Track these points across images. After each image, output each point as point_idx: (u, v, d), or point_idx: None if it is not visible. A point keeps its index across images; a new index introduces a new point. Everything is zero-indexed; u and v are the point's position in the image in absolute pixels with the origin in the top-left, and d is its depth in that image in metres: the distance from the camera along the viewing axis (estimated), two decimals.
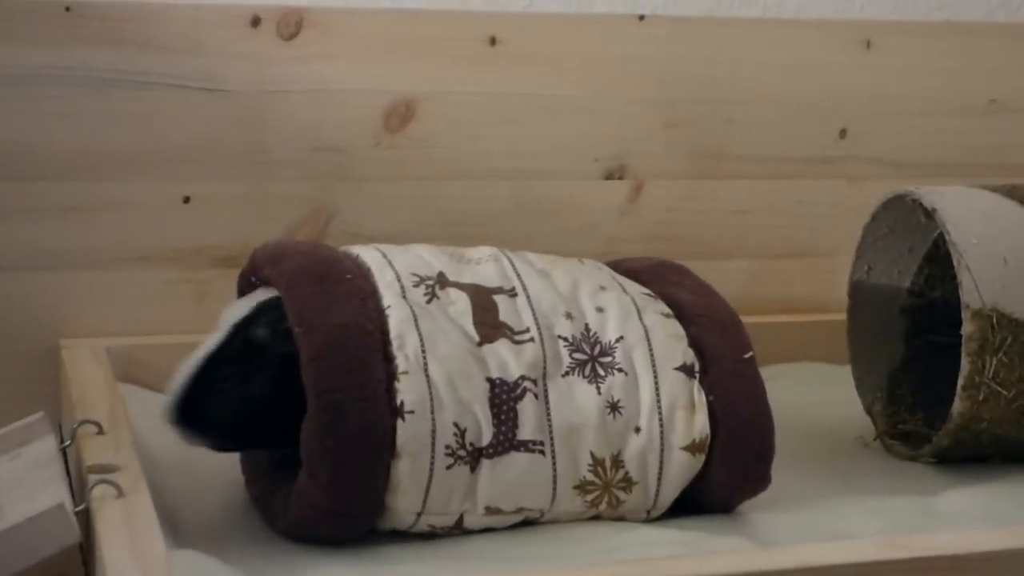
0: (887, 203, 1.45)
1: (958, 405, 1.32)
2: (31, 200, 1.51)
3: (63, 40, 1.50)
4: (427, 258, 1.21)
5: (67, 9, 1.49)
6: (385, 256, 1.20)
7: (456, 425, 1.11)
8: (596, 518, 1.17)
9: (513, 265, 1.23)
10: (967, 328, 1.31)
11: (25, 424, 1.26)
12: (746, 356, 1.21)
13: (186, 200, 1.56)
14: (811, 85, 1.75)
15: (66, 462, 1.19)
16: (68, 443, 1.21)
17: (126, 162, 1.54)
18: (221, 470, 1.25)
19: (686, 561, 1.01)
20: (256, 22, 1.56)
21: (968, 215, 1.36)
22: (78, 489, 1.12)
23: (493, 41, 1.64)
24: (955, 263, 1.33)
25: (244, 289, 1.24)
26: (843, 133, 1.78)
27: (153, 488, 1.10)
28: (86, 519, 1.06)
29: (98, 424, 1.20)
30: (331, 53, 1.59)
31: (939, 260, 1.45)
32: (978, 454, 1.37)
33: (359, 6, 1.60)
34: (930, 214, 1.37)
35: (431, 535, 1.14)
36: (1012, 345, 1.31)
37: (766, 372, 1.61)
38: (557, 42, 1.66)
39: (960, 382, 1.31)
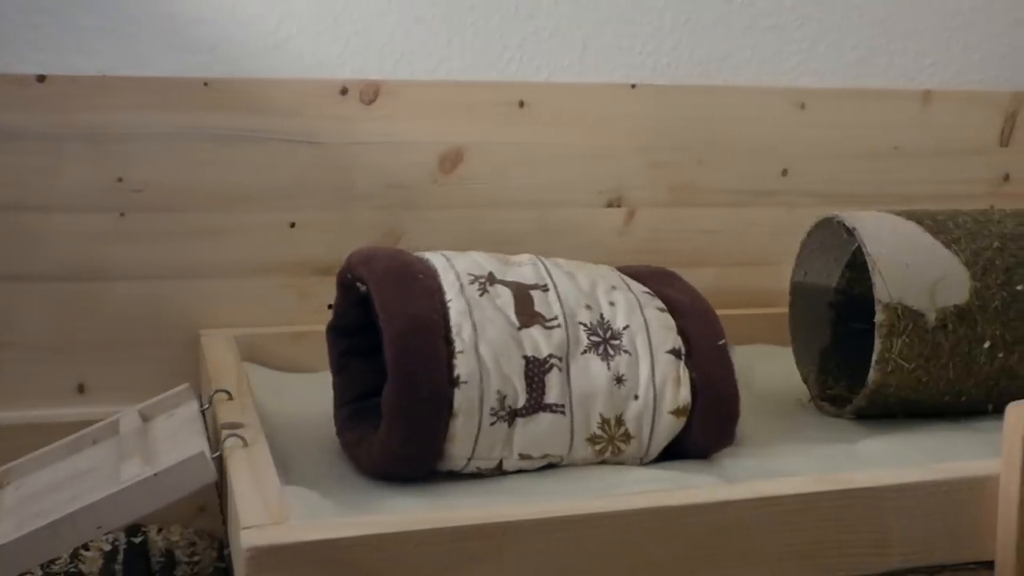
0: (819, 224, 1.44)
1: (872, 375, 1.31)
2: (179, 226, 1.51)
3: (202, 107, 1.50)
4: (480, 261, 1.20)
5: (205, 84, 1.50)
6: (448, 260, 1.19)
7: (499, 392, 1.10)
8: (602, 463, 1.17)
9: (546, 268, 1.22)
10: (879, 317, 1.30)
11: (175, 392, 1.26)
12: (720, 343, 1.19)
13: (292, 225, 1.56)
14: (760, 136, 1.74)
15: (205, 420, 1.20)
16: (207, 406, 1.22)
17: (247, 197, 1.54)
18: (320, 425, 1.24)
19: (671, 494, 1.00)
20: (344, 91, 1.56)
21: (879, 232, 1.35)
22: (214, 440, 1.13)
23: (522, 104, 1.63)
24: (870, 268, 1.32)
25: (342, 285, 1.22)
26: (784, 172, 1.76)
27: (270, 440, 1.11)
28: (220, 463, 1.07)
29: (229, 392, 1.21)
30: (401, 114, 1.58)
31: (858, 266, 1.44)
32: (887, 411, 1.36)
33: (421, 79, 1.60)
34: (851, 232, 1.36)
35: (478, 475, 1.13)
36: (913, 329, 1.30)
37: None
38: (570, 104, 1.65)
39: (874, 358, 1.31)
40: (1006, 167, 1.85)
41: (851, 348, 1.44)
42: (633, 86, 1.68)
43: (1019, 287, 1.34)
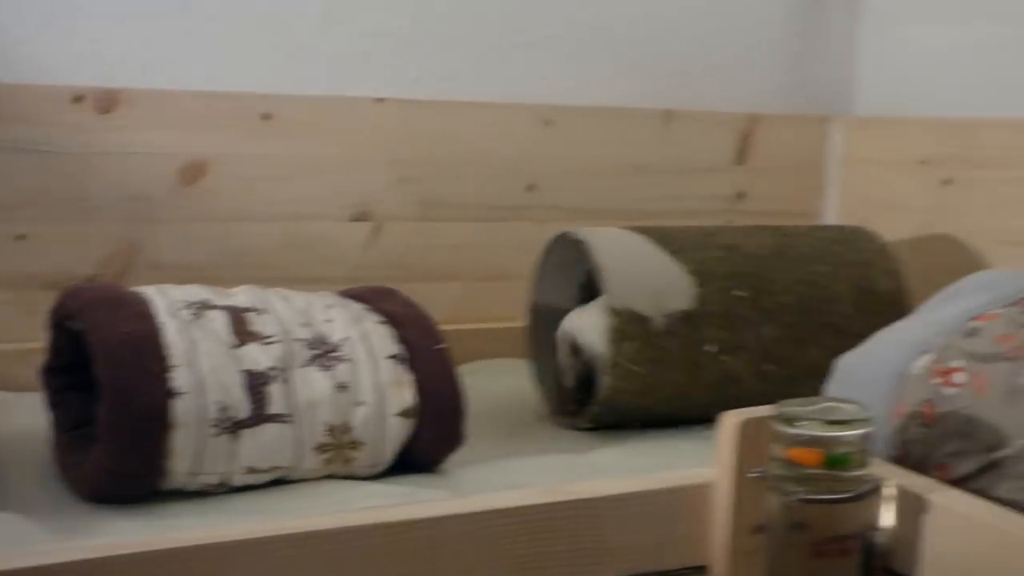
0: (557, 239, 1.47)
1: (605, 381, 1.34)
2: None
3: None
4: (195, 291, 1.20)
5: None
6: (160, 290, 1.18)
7: (219, 403, 1.09)
8: (332, 476, 1.16)
9: (262, 294, 1.22)
10: (609, 323, 1.33)
11: None
12: (440, 347, 1.22)
13: (20, 237, 1.49)
14: (507, 151, 1.75)
15: None
16: None
17: None
18: (43, 447, 1.19)
19: (396, 508, 0.99)
20: (79, 99, 1.50)
21: (608, 243, 1.40)
22: None
23: (267, 116, 1.61)
24: (599, 276, 1.36)
25: (53, 325, 1.19)
26: (531, 188, 1.78)
27: None
28: None
29: None
30: (139, 124, 1.53)
31: (594, 277, 1.47)
32: (621, 421, 1.39)
33: (162, 88, 1.56)
34: (587, 245, 1.39)
35: (204, 493, 1.11)
36: (641, 334, 1.34)
37: (472, 367, 1.63)
38: (316, 117, 1.64)
39: (606, 364, 1.34)
40: (741, 185, 1.92)
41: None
42: (380, 100, 1.67)
43: (739, 293, 1.39)
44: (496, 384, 1.56)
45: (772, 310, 1.40)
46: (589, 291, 1.46)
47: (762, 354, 1.39)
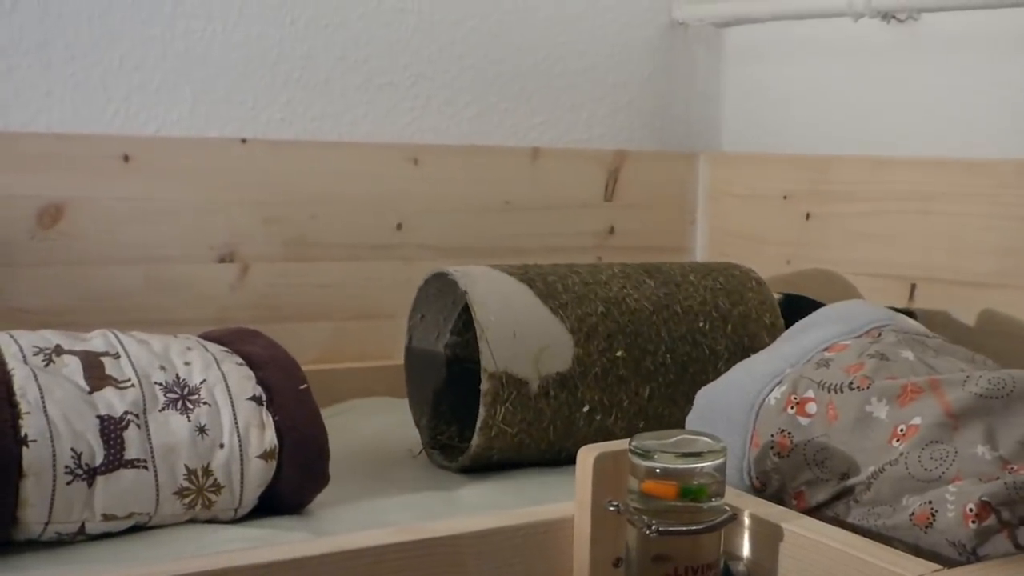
0: (433, 277, 1.45)
1: (476, 440, 1.35)
2: None
3: None
4: (48, 336, 1.18)
5: None
6: (12, 336, 1.16)
7: (73, 450, 1.07)
8: (193, 521, 1.15)
9: (117, 338, 1.20)
10: (484, 385, 1.34)
11: None
12: (302, 387, 1.22)
13: None
14: (374, 190, 1.75)
15: None
16: None
17: None
18: None
19: (250, 552, 0.98)
20: None
21: (489, 297, 1.38)
22: None
23: (127, 158, 1.59)
24: (478, 336, 1.35)
25: None
26: (399, 226, 1.78)
27: None
28: None
29: None
30: None
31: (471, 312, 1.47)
32: (492, 466, 1.39)
33: (16, 130, 1.53)
34: (468, 298, 1.38)
35: (59, 542, 1.09)
36: (516, 397, 1.35)
37: (345, 406, 1.63)
38: (178, 158, 1.62)
39: (478, 424, 1.34)
40: (611, 220, 1.95)
41: (464, 390, 1.46)
42: (244, 140, 1.66)
43: (619, 353, 1.41)
44: (368, 423, 1.55)
45: (652, 371, 1.42)
46: (470, 316, 1.46)
47: (637, 412, 1.41)
